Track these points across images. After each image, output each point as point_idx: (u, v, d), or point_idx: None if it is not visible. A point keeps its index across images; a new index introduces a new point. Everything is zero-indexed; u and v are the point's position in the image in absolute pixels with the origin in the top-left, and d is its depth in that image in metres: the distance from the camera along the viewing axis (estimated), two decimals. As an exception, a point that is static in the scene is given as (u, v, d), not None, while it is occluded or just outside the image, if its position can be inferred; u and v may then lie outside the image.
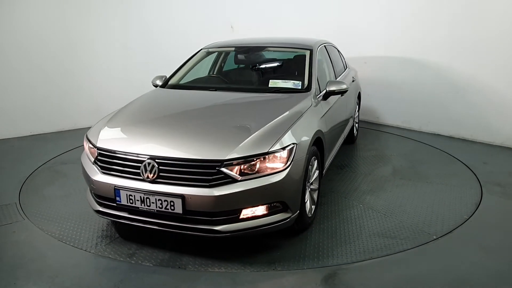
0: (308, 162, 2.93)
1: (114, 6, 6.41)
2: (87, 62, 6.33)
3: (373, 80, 6.46)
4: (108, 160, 2.82)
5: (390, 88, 6.35)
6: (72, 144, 5.45)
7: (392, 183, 4.14)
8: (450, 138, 5.73)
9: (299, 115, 3.09)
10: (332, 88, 3.66)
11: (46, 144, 5.55)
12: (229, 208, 2.59)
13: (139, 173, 2.66)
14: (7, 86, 5.69)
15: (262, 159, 2.62)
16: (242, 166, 2.58)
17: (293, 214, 2.80)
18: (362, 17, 6.41)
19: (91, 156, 2.98)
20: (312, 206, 3.20)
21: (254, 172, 2.60)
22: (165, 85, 4.07)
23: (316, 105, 3.44)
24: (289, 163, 2.69)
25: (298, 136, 2.87)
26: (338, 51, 5.21)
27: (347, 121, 4.71)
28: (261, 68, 4.33)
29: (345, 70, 5.19)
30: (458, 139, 5.66)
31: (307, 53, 4.09)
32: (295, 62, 4.17)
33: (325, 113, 3.59)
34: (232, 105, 3.49)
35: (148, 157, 2.65)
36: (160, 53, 6.79)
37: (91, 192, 3.05)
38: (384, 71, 6.36)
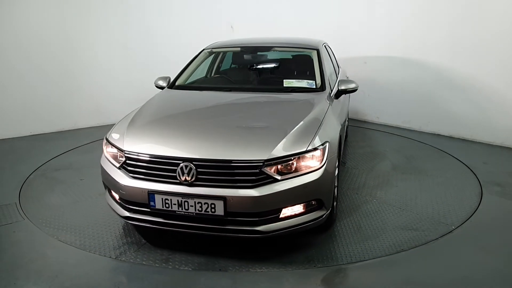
0: (337, 159, 2.99)
1: (114, 6, 6.41)
2: (87, 62, 6.32)
3: (373, 80, 6.46)
4: (139, 164, 2.71)
5: (390, 88, 6.35)
6: (72, 144, 5.46)
7: (395, 177, 4.25)
8: (450, 138, 5.73)
9: (323, 114, 3.12)
10: (344, 87, 3.73)
11: (46, 144, 5.54)
12: (271, 208, 2.58)
13: (175, 176, 2.58)
14: (7, 86, 5.69)
15: (299, 158, 2.63)
16: (279, 166, 2.59)
17: (327, 211, 2.83)
18: (362, 17, 6.41)
19: (114, 161, 2.88)
20: (334, 203, 3.22)
21: (292, 171, 2.61)
22: (172, 86, 4.01)
23: (332, 104, 3.49)
24: (324, 161, 2.70)
25: (328, 134, 2.91)
26: (332, 50, 5.24)
27: (346, 119, 4.76)
28: (270, 68, 4.34)
29: (339, 69, 5.23)
30: (458, 139, 5.66)
31: (314, 52, 4.16)
32: (303, 62, 4.22)
33: (339, 112, 3.66)
34: (254, 105, 3.50)
35: (185, 159, 2.58)
36: (160, 53, 6.79)
37: (111, 197, 2.97)
38: (384, 71, 6.36)
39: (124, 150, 2.78)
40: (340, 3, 6.60)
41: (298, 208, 2.68)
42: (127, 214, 2.80)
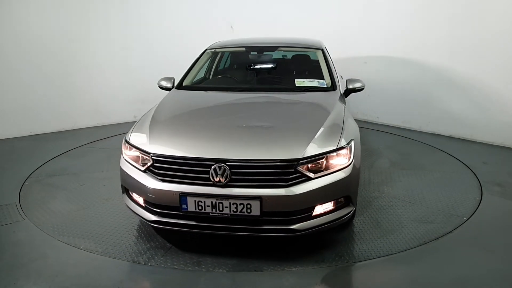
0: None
1: (114, 6, 6.40)
2: (86, 62, 6.32)
3: (373, 80, 6.45)
4: (168, 167, 2.65)
5: (390, 88, 6.35)
6: (72, 144, 5.45)
7: (397, 173, 4.35)
8: (450, 138, 5.73)
9: (342, 113, 3.19)
10: (352, 86, 3.80)
11: (46, 144, 5.54)
12: (306, 206, 2.60)
13: (208, 177, 2.54)
14: (7, 86, 5.69)
15: (329, 156, 2.66)
16: (310, 165, 2.62)
17: (354, 207, 2.87)
18: (362, 17, 6.41)
19: (137, 164, 2.80)
20: None
21: (323, 169, 2.64)
22: (179, 86, 3.92)
23: (345, 103, 3.55)
24: (352, 158, 2.75)
25: (352, 132, 2.97)
26: None
27: None
28: (278, 67, 4.35)
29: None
30: (458, 139, 5.66)
31: (319, 52, 4.22)
32: (310, 62, 4.27)
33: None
34: (273, 105, 3.50)
35: (218, 160, 2.55)
36: (159, 53, 6.78)
37: (133, 201, 2.89)
38: (384, 71, 6.36)
39: (151, 153, 2.71)
40: (340, 3, 6.60)
41: (329, 206, 2.71)
42: (154, 218, 2.71)
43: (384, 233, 3.11)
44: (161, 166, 2.67)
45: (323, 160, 2.64)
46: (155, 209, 2.71)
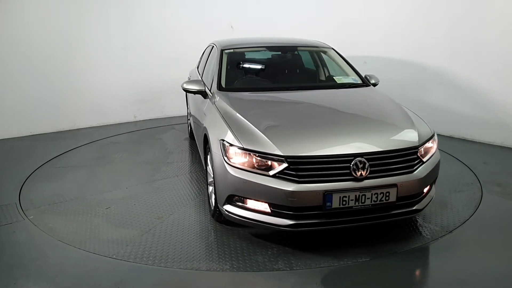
0: None
1: (113, 6, 6.40)
2: (86, 62, 6.31)
3: (373, 80, 6.47)
4: (308, 167, 2.65)
5: (390, 88, 6.32)
6: (70, 145, 5.46)
7: None
8: (450, 138, 5.73)
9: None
10: (372, 81, 4.07)
11: (46, 144, 5.54)
12: (426, 187, 2.93)
13: (348, 173, 2.64)
14: (7, 86, 5.69)
15: (428, 142, 2.99)
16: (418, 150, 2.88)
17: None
18: (363, 17, 6.41)
19: (258, 169, 2.69)
20: None
21: (423, 154, 2.92)
22: (220, 88, 3.72)
23: None
24: (436, 143, 3.09)
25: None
26: None
27: None
28: (304, 66, 4.49)
29: None
30: (458, 139, 5.66)
31: (331, 51, 4.40)
32: (327, 60, 4.45)
33: None
34: (344, 101, 3.64)
35: (357, 155, 2.68)
36: (159, 53, 6.78)
37: (248, 210, 2.79)
38: (384, 71, 6.32)
39: (285, 156, 2.64)
40: (340, 3, 6.60)
41: (428, 186, 2.99)
42: (291, 222, 2.66)
43: (443, 205, 3.49)
44: (298, 168, 2.64)
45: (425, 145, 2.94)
46: (292, 213, 2.66)
